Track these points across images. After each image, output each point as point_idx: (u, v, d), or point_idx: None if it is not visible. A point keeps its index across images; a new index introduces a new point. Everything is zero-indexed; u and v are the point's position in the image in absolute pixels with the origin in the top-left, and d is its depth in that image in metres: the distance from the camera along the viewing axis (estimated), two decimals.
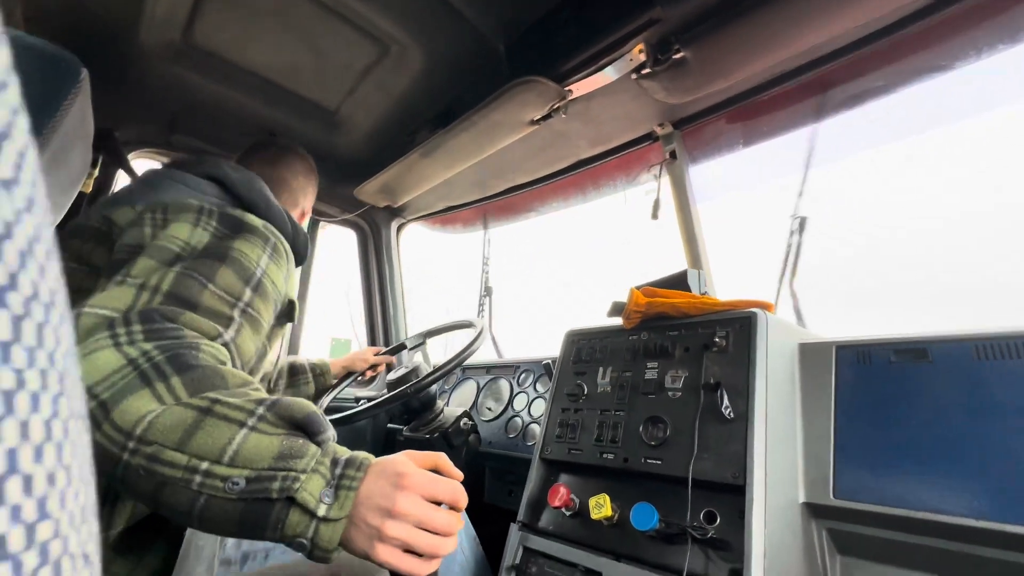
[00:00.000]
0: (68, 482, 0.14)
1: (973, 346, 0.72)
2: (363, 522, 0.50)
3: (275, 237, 0.80)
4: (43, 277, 0.14)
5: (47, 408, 0.14)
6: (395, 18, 1.02)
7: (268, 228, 0.80)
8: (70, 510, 0.14)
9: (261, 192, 0.88)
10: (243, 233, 0.75)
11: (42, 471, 0.13)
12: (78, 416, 0.15)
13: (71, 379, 0.15)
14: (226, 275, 0.68)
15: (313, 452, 0.51)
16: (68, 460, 0.14)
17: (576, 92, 1.08)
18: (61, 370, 0.15)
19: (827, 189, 1.48)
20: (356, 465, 0.52)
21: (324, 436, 0.54)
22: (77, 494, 0.15)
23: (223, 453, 0.48)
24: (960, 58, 0.94)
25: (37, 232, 0.14)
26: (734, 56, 0.95)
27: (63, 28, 1.01)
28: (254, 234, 0.76)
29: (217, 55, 1.11)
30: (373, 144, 1.47)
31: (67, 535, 0.14)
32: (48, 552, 0.13)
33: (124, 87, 1.19)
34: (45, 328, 0.14)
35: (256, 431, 0.50)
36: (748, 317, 0.84)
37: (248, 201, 0.86)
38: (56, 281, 0.15)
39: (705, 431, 0.79)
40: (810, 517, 0.77)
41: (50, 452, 0.14)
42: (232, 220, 0.76)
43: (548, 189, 1.64)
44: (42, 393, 0.14)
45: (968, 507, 0.63)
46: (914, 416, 0.73)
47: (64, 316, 0.16)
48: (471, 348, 1.19)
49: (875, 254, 2.41)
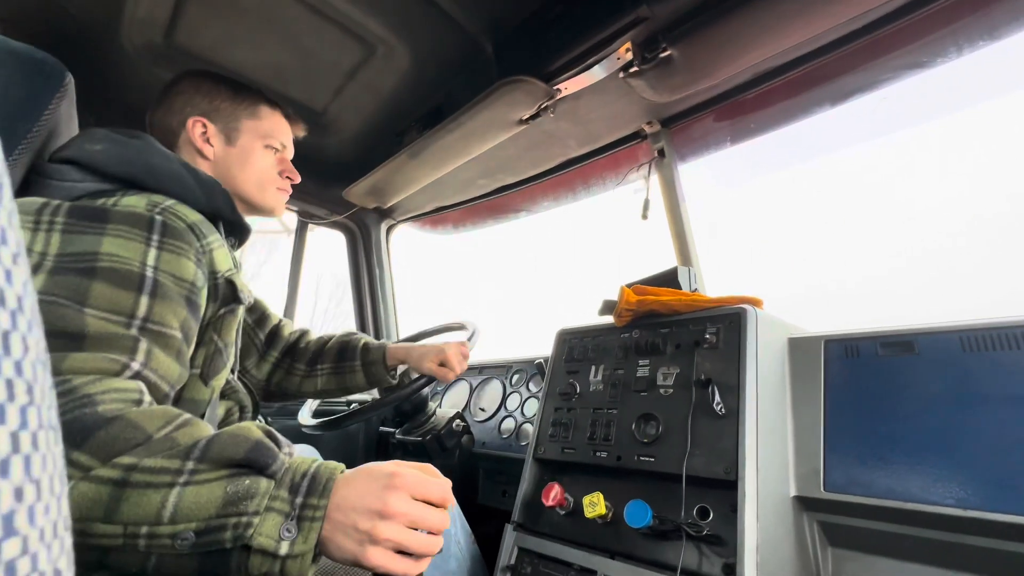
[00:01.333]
0: (37, 496, 0.14)
1: (959, 337, 0.74)
2: (351, 528, 0.48)
3: (164, 214, 0.63)
4: (9, 283, 0.14)
5: (14, 419, 0.13)
6: (381, 18, 1.02)
7: (153, 203, 0.64)
8: (40, 525, 0.14)
9: (135, 158, 0.68)
10: (106, 226, 0.58)
11: (8, 485, 0.13)
12: (48, 427, 0.15)
13: (40, 389, 0.15)
14: (101, 291, 0.54)
15: (264, 488, 0.47)
16: (37, 473, 0.14)
17: (564, 91, 1.08)
18: (30, 380, 0.14)
19: (813, 184, 1.49)
20: (319, 490, 0.49)
21: (275, 466, 0.49)
22: (48, 508, 0.14)
23: (160, 516, 0.44)
24: (942, 54, 0.95)
25: (2, 236, 0.14)
26: (720, 54, 0.96)
27: (43, 32, 0.99)
28: (123, 223, 0.59)
29: (201, 57, 1.09)
30: (361, 145, 1.46)
31: (36, 551, 0.13)
32: (16, 570, 0.13)
33: (108, 91, 1.17)
34: (11, 335, 0.14)
35: (192, 484, 0.45)
36: (737, 313, 0.85)
37: (122, 175, 0.67)
38: (23, 287, 0.15)
39: (697, 427, 0.80)
40: (801, 510, 0.78)
41: (17, 465, 0.13)
42: (86, 212, 0.59)
43: (538, 188, 1.64)
44: (8, 404, 0.13)
45: (956, 497, 0.64)
46: (902, 408, 0.74)
47: (33, 323, 0.15)
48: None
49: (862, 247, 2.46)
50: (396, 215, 1.89)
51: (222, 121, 0.84)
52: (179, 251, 0.62)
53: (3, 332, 0.13)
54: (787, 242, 1.75)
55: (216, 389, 0.74)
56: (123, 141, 0.70)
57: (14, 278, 0.14)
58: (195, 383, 0.69)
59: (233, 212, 0.77)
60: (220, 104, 0.85)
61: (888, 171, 1.37)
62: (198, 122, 0.82)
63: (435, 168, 1.38)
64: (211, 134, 0.83)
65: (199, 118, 0.83)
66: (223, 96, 0.85)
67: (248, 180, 0.86)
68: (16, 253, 0.14)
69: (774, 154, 1.25)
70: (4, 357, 0.13)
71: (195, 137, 0.82)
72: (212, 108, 0.84)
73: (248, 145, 0.86)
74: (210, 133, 0.83)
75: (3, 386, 0.13)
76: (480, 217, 1.90)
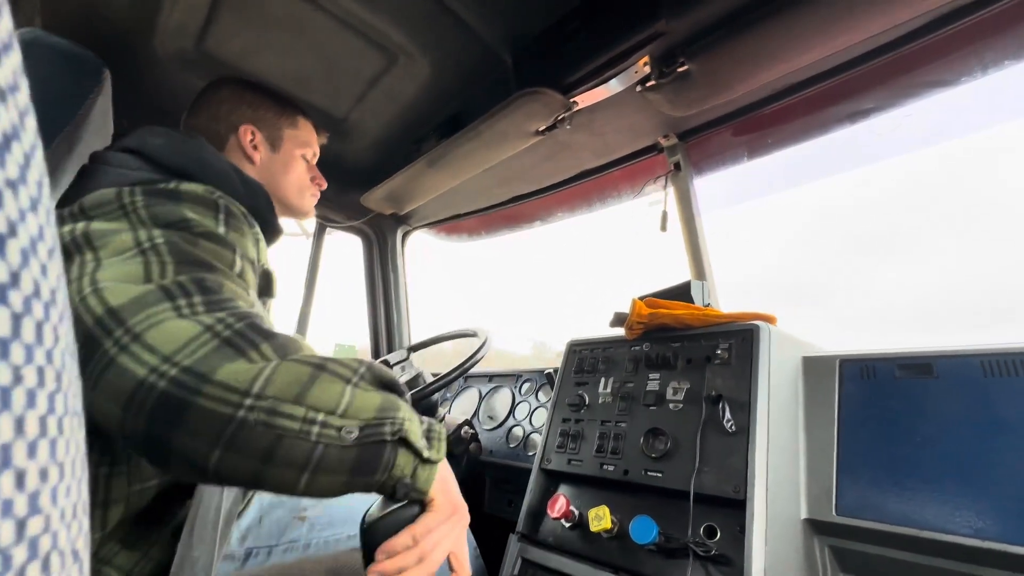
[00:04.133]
0: (60, 478, 0.14)
1: (980, 362, 0.72)
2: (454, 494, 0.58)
3: (225, 200, 0.68)
4: (44, 275, 0.15)
5: (43, 405, 0.14)
6: (404, 28, 1.04)
7: (210, 192, 0.69)
8: (61, 506, 0.14)
9: (192, 153, 0.74)
10: (181, 202, 0.64)
11: (35, 467, 0.13)
12: (73, 413, 0.16)
13: (68, 376, 0.15)
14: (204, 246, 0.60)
15: (405, 408, 0.55)
16: (62, 457, 0.15)
17: (581, 103, 1.08)
18: (58, 367, 0.15)
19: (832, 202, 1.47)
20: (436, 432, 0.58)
21: (408, 398, 0.58)
22: (69, 490, 0.15)
23: (337, 406, 0.50)
24: (964, 74, 0.94)
25: (40, 231, 0.15)
26: (738, 70, 0.96)
27: (81, 36, 1.04)
28: (194, 201, 0.65)
29: (228, 63, 1.13)
30: (380, 152, 1.49)
31: (57, 531, 0.14)
32: (38, 547, 0.13)
33: (142, 92, 1.21)
34: (44, 326, 0.14)
35: (359, 388, 0.53)
36: (750, 329, 0.84)
37: (177, 167, 0.72)
38: (57, 280, 0.15)
39: (706, 444, 0.79)
40: (812, 534, 0.76)
41: (44, 448, 0.14)
42: (159, 191, 0.65)
43: (553, 199, 1.65)
44: (38, 390, 0.14)
45: (974, 527, 0.62)
46: (919, 432, 0.72)
47: (64, 314, 0.16)
48: (475, 358, 1.19)
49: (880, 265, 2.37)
50: (412, 222, 1.92)
51: (267, 129, 0.92)
52: (241, 231, 0.68)
53: (37, 323, 0.14)
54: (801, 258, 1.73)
55: None
56: (182, 138, 0.76)
57: (49, 272, 0.15)
58: None
59: (271, 213, 0.82)
60: (265, 114, 0.92)
61: (911, 189, 1.35)
62: (248, 129, 0.89)
63: (452, 176, 1.40)
64: (258, 141, 0.91)
65: (249, 125, 0.90)
66: (267, 106, 0.93)
67: (290, 185, 0.94)
68: (52, 248, 0.15)
69: (791, 170, 1.24)
70: (37, 346, 0.14)
71: (245, 143, 0.89)
72: (258, 117, 0.92)
73: (289, 152, 0.94)
74: (257, 140, 0.90)
75: (35, 373, 0.14)
76: (495, 226, 1.91)
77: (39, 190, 0.14)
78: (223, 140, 0.89)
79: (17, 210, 0.13)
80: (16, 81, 0.13)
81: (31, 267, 0.14)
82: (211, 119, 0.89)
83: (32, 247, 0.14)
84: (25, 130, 0.14)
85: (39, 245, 0.15)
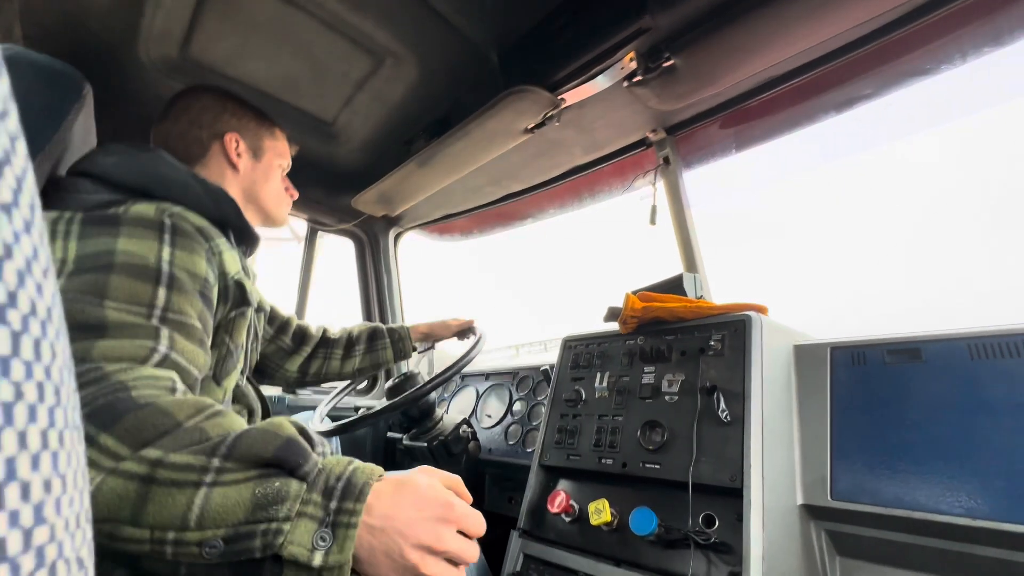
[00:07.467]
0: (63, 489, 0.15)
1: (967, 345, 0.73)
2: (397, 554, 0.45)
3: (173, 217, 0.65)
4: (40, 294, 0.15)
5: (44, 419, 0.14)
6: (390, 30, 1.04)
7: (161, 209, 0.65)
8: (65, 516, 0.15)
9: (148, 168, 0.71)
10: (120, 228, 0.60)
11: (39, 478, 0.14)
12: (73, 427, 0.16)
13: (67, 391, 0.16)
14: (119, 283, 0.55)
15: (296, 491, 0.44)
16: (63, 468, 0.15)
17: (569, 100, 1.09)
18: (57, 383, 0.15)
19: (819, 191, 1.49)
20: (356, 493, 0.45)
21: (308, 467, 0.46)
22: (72, 501, 0.15)
23: (187, 520, 0.41)
24: (946, 61, 0.95)
25: (35, 252, 0.15)
26: (724, 62, 0.96)
27: (62, 45, 1.03)
28: (136, 225, 0.61)
29: (214, 69, 1.12)
30: (369, 154, 1.49)
31: (62, 540, 0.14)
32: (44, 556, 0.14)
33: (125, 103, 1.20)
34: (42, 343, 0.15)
35: (219, 486, 0.42)
36: (743, 320, 0.85)
37: (132, 185, 0.69)
38: (52, 298, 0.16)
39: (703, 435, 0.80)
40: (808, 519, 0.77)
41: (46, 461, 0.14)
42: (99, 219, 0.61)
43: (545, 196, 1.66)
44: (39, 405, 0.14)
45: (965, 506, 0.64)
46: (910, 416, 0.73)
47: (60, 331, 0.16)
48: (470, 355, 1.20)
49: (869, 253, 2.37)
50: (404, 223, 1.92)
51: (250, 138, 0.91)
52: (191, 249, 0.64)
53: (35, 340, 0.14)
54: (791, 247, 1.74)
55: (228, 391, 0.75)
56: (135, 154, 0.73)
57: (44, 291, 0.15)
58: (208, 384, 0.70)
59: (239, 218, 0.79)
60: (248, 123, 0.92)
61: (894, 177, 1.37)
62: (233, 137, 0.88)
63: (442, 176, 1.40)
64: (242, 150, 0.90)
65: (234, 133, 0.89)
66: (249, 116, 0.92)
67: (270, 193, 0.95)
68: (46, 268, 0.16)
69: (779, 161, 1.25)
70: (36, 363, 0.14)
71: (230, 151, 0.88)
72: (241, 125, 0.91)
73: (269, 162, 0.94)
74: (241, 149, 0.90)
75: (35, 389, 0.14)
76: (487, 224, 1.92)
77: (32, 212, 0.15)
78: (205, 147, 0.87)
79: (12, 232, 0.14)
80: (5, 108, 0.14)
81: (27, 287, 0.14)
82: (193, 125, 0.87)
83: (27, 267, 0.14)
84: (17, 155, 0.14)
85: (34, 265, 0.15)
